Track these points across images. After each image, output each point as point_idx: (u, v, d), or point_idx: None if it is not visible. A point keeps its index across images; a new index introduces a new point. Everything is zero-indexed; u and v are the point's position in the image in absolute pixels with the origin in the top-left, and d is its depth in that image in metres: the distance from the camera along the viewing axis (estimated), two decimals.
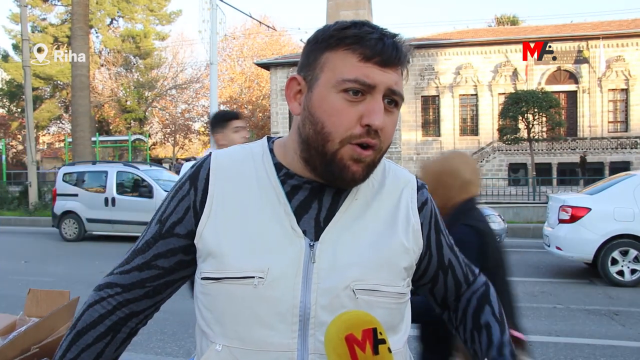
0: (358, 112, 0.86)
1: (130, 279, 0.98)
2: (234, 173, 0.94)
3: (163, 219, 0.97)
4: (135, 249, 0.99)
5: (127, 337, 1.01)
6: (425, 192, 1.02)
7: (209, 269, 0.91)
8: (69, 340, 0.98)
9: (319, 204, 0.92)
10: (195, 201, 0.94)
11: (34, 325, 1.66)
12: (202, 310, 0.93)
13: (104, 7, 33.91)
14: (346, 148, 0.87)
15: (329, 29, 0.90)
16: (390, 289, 0.91)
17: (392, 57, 0.87)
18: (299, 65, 0.94)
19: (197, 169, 0.96)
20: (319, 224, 0.91)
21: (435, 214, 1.03)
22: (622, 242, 6.69)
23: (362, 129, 0.86)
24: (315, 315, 0.87)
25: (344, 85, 0.86)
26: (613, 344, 4.48)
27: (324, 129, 0.87)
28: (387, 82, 0.87)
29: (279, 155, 0.96)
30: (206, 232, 0.91)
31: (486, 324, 1.03)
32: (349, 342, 0.76)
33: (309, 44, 0.92)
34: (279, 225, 0.90)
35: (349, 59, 0.86)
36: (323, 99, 0.87)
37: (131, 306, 0.99)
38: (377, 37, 0.87)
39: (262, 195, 0.92)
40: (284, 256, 0.88)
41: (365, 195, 0.95)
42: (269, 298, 0.86)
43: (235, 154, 0.98)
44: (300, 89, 0.92)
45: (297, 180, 0.93)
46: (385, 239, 0.93)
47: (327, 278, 0.88)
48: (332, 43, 0.88)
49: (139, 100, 34.60)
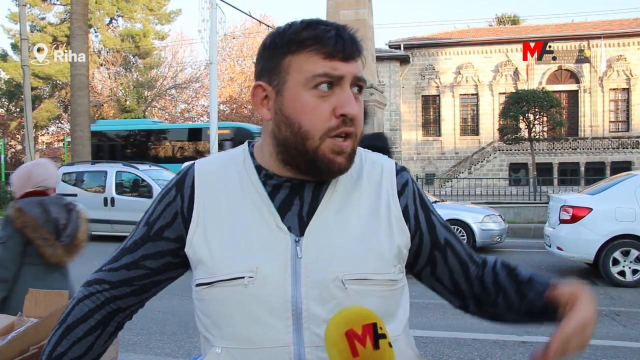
0: (331, 105, 0.89)
1: (118, 277, 1.02)
2: (217, 179, 0.97)
3: (150, 222, 1.01)
4: (123, 248, 1.04)
5: (114, 330, 1.05)
6: (405, 174, 1.04)
7: (201, 275, 0.93)
8: (59, 335, 1.01)
9: (301, 200, 0.95)
10: (182, 207, 0.97)
11: (32, 326, 1.65)
12: (200, 317, 0.96)
13: (103, 6, 33.90)
14: (326, 143, 0.90)
15: (285, 33, 0.92)
16: (380, 276, 0.92)
17: (353, 51, 0.91)
18: (259, 71, 0.96)
19: (183, 176, 1.00)
20: (303, 220, 0.93)
21: (419, 194, 1.04)
22: (623, 242, 6.68)
23: (338, 120, 0.89)
24: (307, 308, 0.88)
25: (314, 81, 0.89)
26: (614, 345, 4.47)
27: (302, 128, 0.90)
28: (352, 72, 0.91)
29: (258, 158, 0.99)
30: (195, 239, 0.94)
31: (530, 277, 1.03)
32: (349, 337, 0.76)
33: (267, 50, 0.94)
34: (264, 225, 0.92)
35: (313, 58, 0.90)
36: (295, 100, 0.90)
37: (118, 302, 1.03)
38: (335, 34, 0.90)
39: (246, 197, 0.95)
40: (271, 254, 0.90)
41: (345, 185, 0.97)
42: (260, 296, 0.88)
43: (218, 160, 1.02)
44: (267, 94, 0.94)
45: (276, 180, 0.96)
46: (369, 227, 0.94)
47: (315, 271, 0.90)
48: (293, 47, 0.91)
49: (138, 99, 34.61)
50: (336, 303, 0.88)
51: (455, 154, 27.48)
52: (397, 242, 0.96)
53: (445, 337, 4.53)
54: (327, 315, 0.87)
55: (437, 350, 4.32)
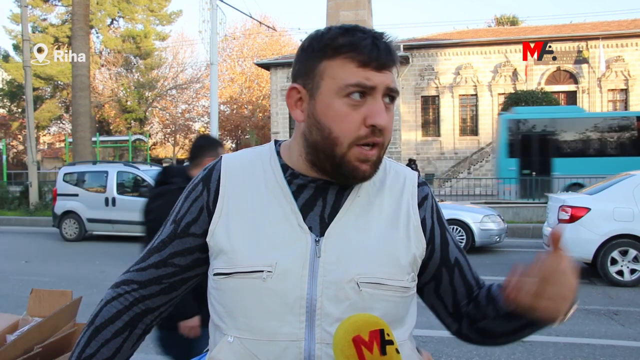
0: (361, 115, 0.91)
1: (147, 276, 1.03)
2: (243, 174, 1.00)
3: (178, 219, 1.03)
4: (151, 248, 1.05)
5: (142, 333, 1.05)
6: (426, 188, 1.06)
7: (220, 265, 0.96)
8: (87, 337, 1.01)
9: (324, 201, 0.97)
10: (208, 201, 1.00)
11: (36, 325, 1.66)
12: (215, 305, 0.98)
13: (105, 7, 33.88)
14: (353, 150, 0.92)
15: (323, 37, 0.94)
16: (394, 282, 0.95)
17: (387, 60, 0.92)
18: (295, 73, 0.98)
19: (210, 171, 1.03)
20: (324, 221, 0.96)
21: (437, 210, 1.06)
22: (621, 242, 6.69)
23: (367, 130, 0.91)
24: (321, 306, 0.91)
25: (346, 90, 0.90)
26: (613, 344, 4.49)
27: (332, 134, 0.92)
28: (385, 82, 0.92)
29: (285, 157, 1.01)
30: (218, 230, 0.97)
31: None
32: (357, 343, 0.78)
33: (304, 53, 0.97)
34: (286, 223, 0.94)
35: (348, 66, 0.91)
36: (328, 107, 0.92)
37: (147, 302, 1.04)
38: (371, 42, 0.91)
39: (270, 194, 0.97)
40: (291, 251, 0.92)
41: (368, 192, 0.99)
42: (277, 291, 0.91)
43: (244, 156, 1.04)
44: (301, 97, 0.97)
45: (302, 180, 0.98)
46: (388, 234, 0.97)
47: (332, 271, 0.92)
48: (329, 53, 0.92)
49: (139, 100, 34.58)
50: (350, 304, 0.91)
51: (454, 154, 27.44)
52: (413, 250, 0.98)
53: (445, 337, 4.55)
54: (340, 314, 0.90)
55: (437, 349, 4.34)
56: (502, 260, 8.52)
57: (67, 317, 1.81)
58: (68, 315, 1.81)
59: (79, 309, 1.90)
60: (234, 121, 36.69)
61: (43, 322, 1.67)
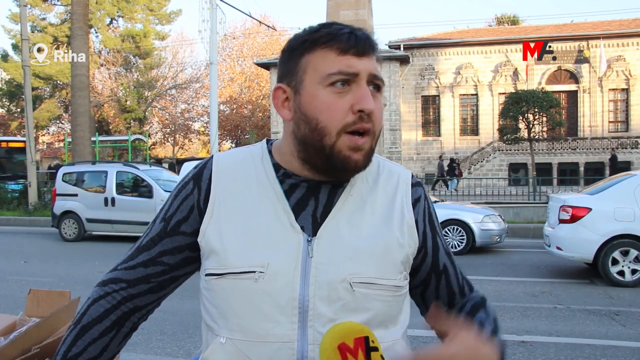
0: (348, 102, 0.90)
1: (135, 275, 1.01)
2: (235, 173, 0.98)
3: (167, 217, 1.01)
4: (139, 246, 1.03)
5: (129, 331, 1.05)
6: (420, 189, 1.04)
7: (212, 265, 0.94)
8: (73, 335, 1.00)
9: (316, 200, 0.96)
10: (199, 200, 0.98)
11: (34, 326, 1.65)
12: (207, 306, 0.97)
13: (104, 6, 33.88)
14: (343, 139, 0.90)
15: (301, 35, 0.95)
16: (387, 282, 0.94)
17: (366, 46, 0.92)
18: (280, 75, 0.98)
19: (201, 169, 1.01)
20: (316, 220, 0.95)
21: (429, 212, 1.04)
22: (622, 242, 6.68)
23: (355, 116, 0.90)
24: (313, 307, 0.90)
25: (329, 79, 0.90)
26: (614, 344, 4.47)
27: (319, 124, 0.91)
28: (368, 68, 0.91)
29: (276, 156, 1.00)
30: (209, 230, 0.95)
31: (480, 322, 0.96)
32: (342, 351, 0.78)
33: (284, 54, 0.97)
34: (278, 222, 0.93)
35: (328, 55, 0.91)
36: (313, 97, 0.91)
37: (135, 301, 1.02)
38: (348, 31, 0.92)
39: (262, 193, 0.96)
40: (283, 251, 0.91)
41: (360, 191, 0.98)
42: (269, 291, 0.90)
43: (236, 155, 1.02)
44: (287, 96, 0.96)
45: (294, 179, 0.97)
46: (381, 233, 0.95)
47: (325, 271, 0.91)
48: (308, 46, 0.93)
49: (138, 100, 34.57)
50: (342, 304, 0.90)
51: (455, 154, 27.46)
52: (406, 249, 0.97)
53: None
54: (332, 315, 0.89)
55: None
56: (502, 261, 8.51)
57: (66, 318, 1.79)
58: (66, 315, 1.80)
59: None
60: (233, 121, 36.70)
61: (41, 323, 1.66)
